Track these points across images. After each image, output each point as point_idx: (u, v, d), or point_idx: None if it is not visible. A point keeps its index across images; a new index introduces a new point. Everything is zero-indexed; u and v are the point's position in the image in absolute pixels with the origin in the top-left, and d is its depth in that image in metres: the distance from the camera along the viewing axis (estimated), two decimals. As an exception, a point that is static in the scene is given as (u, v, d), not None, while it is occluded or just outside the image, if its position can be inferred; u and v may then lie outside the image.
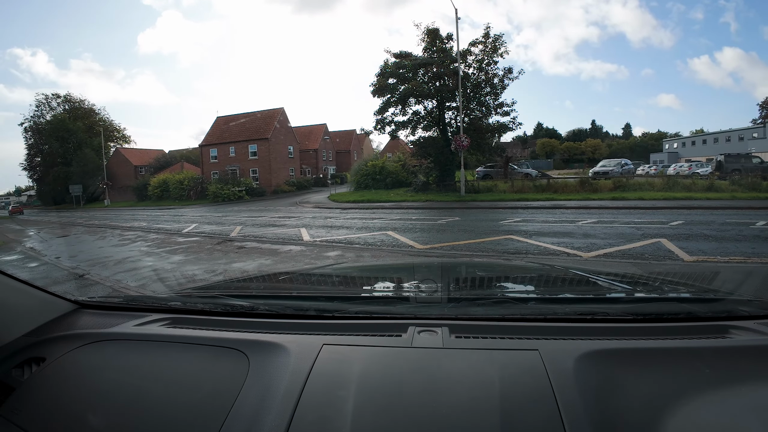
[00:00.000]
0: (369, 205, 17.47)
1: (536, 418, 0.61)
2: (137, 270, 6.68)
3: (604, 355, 0.73)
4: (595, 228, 8.57)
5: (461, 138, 18.42)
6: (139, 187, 37.39)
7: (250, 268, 6.49)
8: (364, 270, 2.06)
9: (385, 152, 41.19)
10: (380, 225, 10.94)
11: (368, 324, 0.90)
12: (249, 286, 1.61)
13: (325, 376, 0.72)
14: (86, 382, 0.86)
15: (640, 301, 1.19)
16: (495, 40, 20.07)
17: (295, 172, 38.36)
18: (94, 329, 1.02)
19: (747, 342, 0.78)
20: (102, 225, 16.82)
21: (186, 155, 46.43)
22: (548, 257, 6.18)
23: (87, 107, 49.86)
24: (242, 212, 18.48)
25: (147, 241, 10.45)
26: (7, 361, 0.93)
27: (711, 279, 1.55)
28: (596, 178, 20.22)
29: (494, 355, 0.74)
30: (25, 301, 1.04)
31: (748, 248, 6.04)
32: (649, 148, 60.71)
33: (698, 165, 29.65)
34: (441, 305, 1.02)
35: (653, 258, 5.76)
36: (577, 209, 12.47)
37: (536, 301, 1.18)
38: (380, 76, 21.36)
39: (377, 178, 24.81)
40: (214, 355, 0.84)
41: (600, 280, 1.40)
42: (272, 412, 0.66)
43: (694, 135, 57.51)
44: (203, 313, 1.06)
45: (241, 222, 13.94)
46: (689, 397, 0.64)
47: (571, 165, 52.53)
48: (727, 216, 9.66)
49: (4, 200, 56.90)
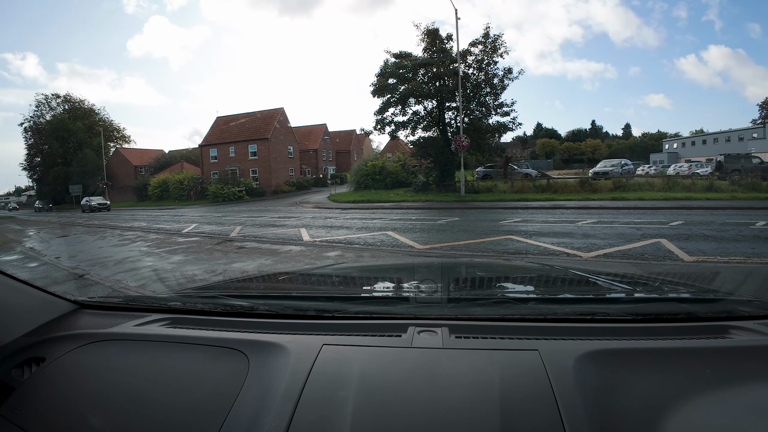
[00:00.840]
0: (369, 206, 17.47)
1: (536, 419, 0.61)
2: (137, 270, 6.68)
3: (604, 355, 0.73)
4: (594, 228, 8.57)
5: (461, 138, 18.42)
6: (139, 187, 37.44)
7: (250, 268, 6.48)
8: (364, 270, 2.06)
9: (385, 152, 41.20)
10: (380, 225, 10.94)
11: (368, 324, 0.90)
12: (249, 286, 1.61)
13: (325, 377, 0.72)
14: (86, 382, 0.86)
15: (639, 301, 1.19)
16: (495, 41, 20.10)
17: (295, 172, 38.38)
18: (94, 329, 1.02)
19: (747, 342, 0.78)
20: (102, 225, 16.81)
21: (186, 155, 46.47)
22: (548, 257, 6.18)
23: (87, 107, 50.01)
24: (242, 212, 18.49)
25: (147, 241, 10.45)
26: (7, 361, 0.93)
27: (711, 279, 1.55)
28: (596, 178, 20.24)
29: (494, 356, 0.74)
30: (25, 301, 1.04)
31: (747, 248, 6.04)
32: (649, 149, 60.77)
33: (698, 165, 29.66)
34: (441, 305, 1.02)
35: (653, 258, 5.76)
36: (576, 209, 12.47)
37: (536, 302, 1.18)
38: (380, 76, 21.38)
39: (377, 179, 24.82)
40: (214, 355, 0.84)
41: (600, 280, 1.40)
42: (272, 413, 0.66)
43: (693, 135, 57.59)
44: (203, 313, 1.06)
45: (241, 222, 13.93)
46: (689, 397, 0.64)
47: (571, 165, 52.56)
48: (727, 216, 9.67)
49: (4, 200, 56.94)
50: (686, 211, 10.84)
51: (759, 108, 53.33)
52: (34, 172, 49.13)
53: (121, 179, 41.78)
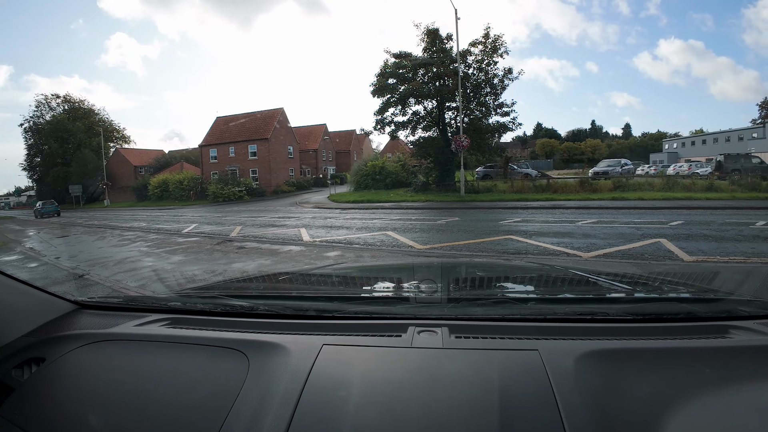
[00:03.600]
0: (369, 206, 17.46)
1: (536, 418, 0.61)
2: (137, 270, 6.68)
3: (603, 355, 0.73)
4: (594, 228, 8.57)
5: (461, 138, 18.41)
6: (139, 188, 37.40)
7: (250, 268, 6.48)
8: (364, 270, 2.06)
9: (385, 152, 41.15)
10: (380, 225, 10.94)
11: (368, 324, 0.90)
12: (249, 286, 1.61)
13: (325, 377, 0.72)
14: (86, 382, 0.86)
15: (639, 301, 1.19)
16: (495, 41, 20.09)
17: (295, 172, 38.36)
18: (94, 329, 1.02)
19: (747, 342, 0.78)
20: (102, 225, 16.81)
21: (185, 155, 46.47)
22: (548, 257, 6.17)
23: (86, 107, 49.94)
24: (242, 212, 18.48)
25: (147, 242, 10.45)
26: (7, 362, 0.93)
27: (711, 279, 1.55)
28: (596, 177, 20.24)
29: (494, 355, 0.74)
30: (25, 301, 1.04)
31: (747, 248, 6.04)
32: (649, 148, 60.77)
33: (698, 165, 29.65)
34: (441, 305, 1.02)
35: (653, 258, 5.76)
36: (576, 209, 12.47)
37: (536, 301, 1.17)
38: (380, 76, 21.36)
39: (377, 179, 24.79)
40: (214, 355, 0.84)
41: (600, 280, 1.40)
42: (272, 413, 0.65)
43: (693, 135, 57.58)
44: (203, 313, 1.06)
45: (241, 222, 13.93)
46: (689, 397, 0.64)
47: (570, 165, 52.51)
48: (726, 216, 9.67)
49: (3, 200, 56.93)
50: (686, 211, 10.83)
51: (759, 108, 53.45)
52: (34, 173, 49.12)
53: (122, 179, 41.74)
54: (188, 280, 5.59)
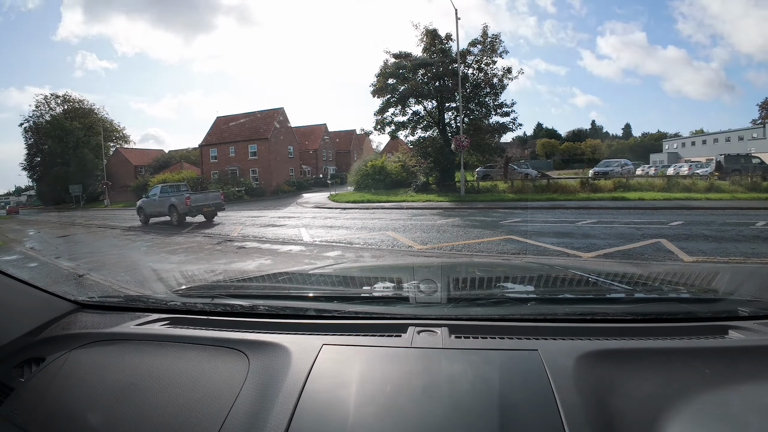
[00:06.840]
0: (369, 206, 17.45)
1: (536, 418, 0.61)
2: (137, 270, 6.67)
3: (604, 355, 0.73)
4: (594, 228, 8.56)
5: (461, 138, 18.40)
6: (139, 187, 37.33)
7: (250, 268, 6.49)
8: (364, 270, 2.06)
9: (385, 152, 41.12)
10: (380, 225, 10.94)
11: (368, 324, 0.90)
12: (249, 286, 1.61)
13: (325, 377, 0.72)
14: (86, 382, 0.86)
15: (639, 302, 1.18)
16: (493, 40, 20.09)
17: (295, 172, 38.35)
18: (94, 329, 1.02)
19: (747, 342, 0.78)
20: (102, 225, 16.81)
21: (185, 155, 46.43)
22: (548, 257, 6.17)
23: (86, 107, 49.91)
24: (242, 212, 18.47)
25: (147, 242, 10.45)
26: (6, 361, 0.93)
27: (711, 279, 1.54)
28: (596, 178, 20.22)
29: (494, 356, 0.74)
30: (25, 301, 1.04)
31: (747, 249, 6.03)
32: (649, 149, 60.65)
33: (698, 165, 29.63)
34: (440, 305, 1.02)
35: (653, 258, 5.76)
36: (576, 209, 12.47)
37: (536, 302, 1.17)
38: (380, 76, 21.35)
39: (377, 179, 24.75)
40: (214, 355, 0.84)
41: (600, 280, 1.40)
42: (272, 412, 0.65)
43: (693, 135, 57.54)
44: (203, 313, 1.06)
45: (241, 222, 13.93)
46: (689, 397, 0.64)
47: (571, 165, 52.46)
48: (726, 216, 9.66)
49: (3, 200, 56.89)
50: (686, 211, 10.83)
51: (759, 108, 53.45)
52: (34, 172, 49.11)
53: (121, 179, 41.67)
54: (188, 280, 5.55)
